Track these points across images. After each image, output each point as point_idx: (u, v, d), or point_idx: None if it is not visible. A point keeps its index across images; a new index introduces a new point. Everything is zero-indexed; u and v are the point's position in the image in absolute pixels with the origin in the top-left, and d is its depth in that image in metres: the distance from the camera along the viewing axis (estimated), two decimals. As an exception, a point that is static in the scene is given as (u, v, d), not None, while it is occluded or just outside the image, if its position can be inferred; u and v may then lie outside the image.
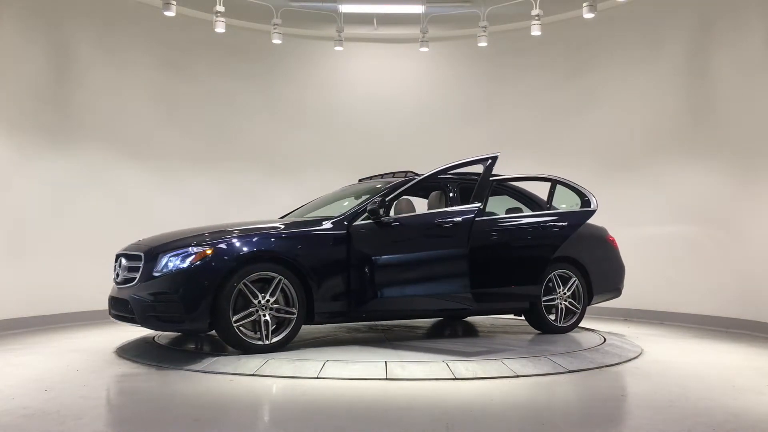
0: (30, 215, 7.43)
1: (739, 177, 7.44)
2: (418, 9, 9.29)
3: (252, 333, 5.21)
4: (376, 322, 7.05)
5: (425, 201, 6.54)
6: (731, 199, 7.52)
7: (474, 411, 3.96)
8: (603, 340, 6.20)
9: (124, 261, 5.55)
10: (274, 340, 5.25)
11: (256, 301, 5.19)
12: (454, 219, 5.52)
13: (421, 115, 9.89)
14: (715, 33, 7.82)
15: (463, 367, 4.89)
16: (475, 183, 5.98)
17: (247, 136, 9.53)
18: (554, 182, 6.67)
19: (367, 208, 5.66)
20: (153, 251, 5.29)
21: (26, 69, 7.50)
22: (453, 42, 9.89)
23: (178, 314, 5.08)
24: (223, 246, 5.21)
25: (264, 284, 5.25)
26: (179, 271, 5.11)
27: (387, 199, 5.79)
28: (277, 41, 9.13)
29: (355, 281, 5.55)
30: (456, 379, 4.69)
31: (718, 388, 4.57)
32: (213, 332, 5.32)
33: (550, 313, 6.57)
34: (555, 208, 6.67)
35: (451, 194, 6.25)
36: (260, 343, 5.20)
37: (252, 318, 5.19)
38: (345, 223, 5.65)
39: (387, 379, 4.67)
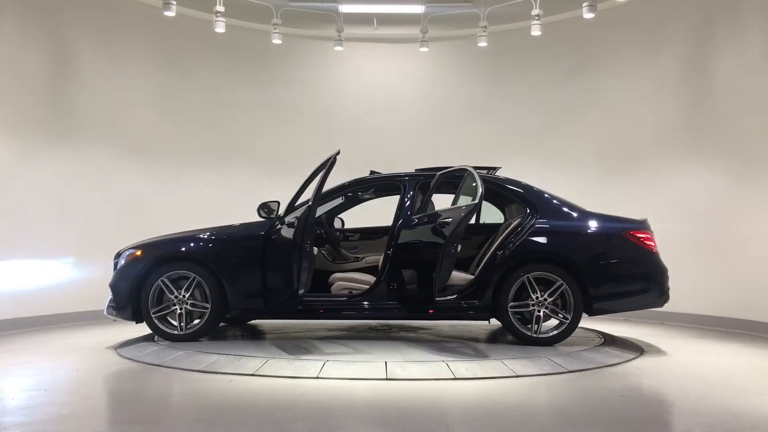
0: (30, 215, 7.42)
1: (739, 177, 7.43)
2: (418, 9, 9.28)
3: (174, 323, 5.86)
4: (377, 322, 7.04)
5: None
6: (731, 199, 7.51)
7: (474, 411, 3.96)
8: (603, 340, 6.19)
9: None
10: (188, 331, 5.83)
11: (172, 296, 5.82)
12: (291, 220, 5.75)
13: (421, 115, 9.88)
14: (715, 33, 7.81)
15: (463, 367, 4.89)
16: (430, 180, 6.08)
17: (247, 135, 9.52)
18: (469, 174, 5.79)
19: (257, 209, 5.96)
20: (120, 252, 6.17)
21: (26, 69, 7.49)
22: (453, 42, 9.89)
23: (115, 304, 5.96)
24: (148, 248, 6.01)
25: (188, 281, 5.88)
26: (119, 269, 6.02)
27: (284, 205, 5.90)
28: (277, 41, 9.13)
29: (269, 281, 5.73)
30: (456, 379, 4.69)
31: (718, 388, 4.57)
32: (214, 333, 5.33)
33: (530, 322, 5.77)
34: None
35: (410, 193, 6.11)
36: (176, 332, 5.83)
37: (170, 310, 5.84)
38: (264, 226, 5.91)
39: (387, 379, 4.67)
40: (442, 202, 6.42)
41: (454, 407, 4.05)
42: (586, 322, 6.97)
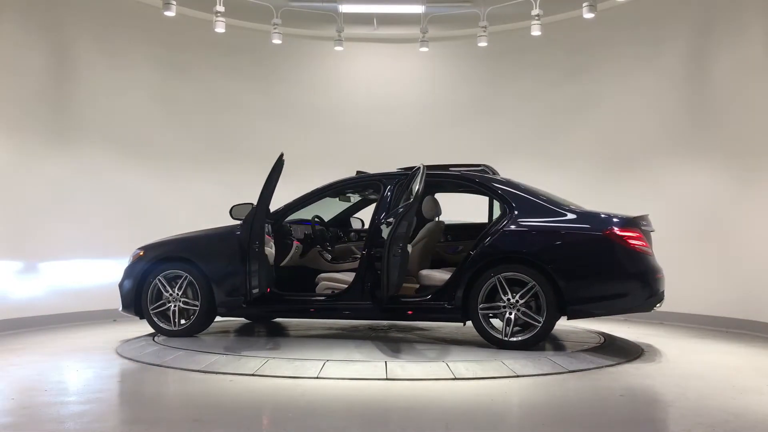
0: (30, 215, 7.42)
1: (739, 177, 7.43)
2: (418, 9, 9.28)
3: (171, 319, 6.08)
4: (377, 322, 7.04)
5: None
6: (731, 199, 7.51)
7: (474, 411, 3.97)
8: (603, 340, 6.19)
9: None
10: (181, 327, 6.07)
11: (167, 294, 6.09)
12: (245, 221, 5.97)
13: (421, 115, 9.88)
14: (715, 33, 7.81)
15: (463, 367, 4.89)
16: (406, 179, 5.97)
17: (248, 135, 9.51)
18: (417, 172, 5.64)
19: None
20: (133, 252, 6.43)
21: (26, 69, 7.49)
22: (453, 42, 9.88)
23: (122, 301, 6.29)
24: (148, 248, 6.34)
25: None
26: (126, 268, 6.35)
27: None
28: (277, 41, 9.13)
29: (251, 280, 5.83)
30: (456, 379, 4.69)
31: (718, 388, 4.57)
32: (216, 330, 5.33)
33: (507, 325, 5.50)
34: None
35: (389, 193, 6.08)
36: (169, 328, 6.08)
37: (166, 307, 6.09)
38: (248, 226, 5.93)
39: (387, 379, 4.67)
40: (443, 201, 6.44)
41: (454, 407, 4.05)
42: (587, 323, 6.99)
